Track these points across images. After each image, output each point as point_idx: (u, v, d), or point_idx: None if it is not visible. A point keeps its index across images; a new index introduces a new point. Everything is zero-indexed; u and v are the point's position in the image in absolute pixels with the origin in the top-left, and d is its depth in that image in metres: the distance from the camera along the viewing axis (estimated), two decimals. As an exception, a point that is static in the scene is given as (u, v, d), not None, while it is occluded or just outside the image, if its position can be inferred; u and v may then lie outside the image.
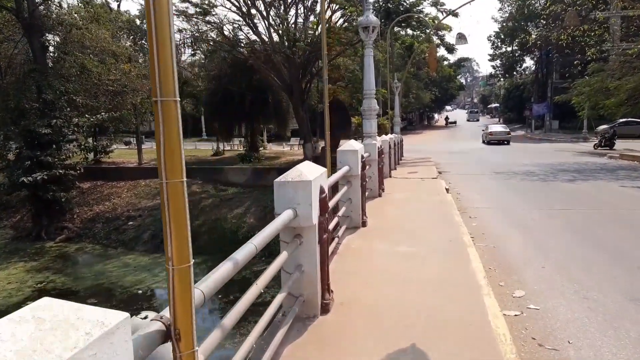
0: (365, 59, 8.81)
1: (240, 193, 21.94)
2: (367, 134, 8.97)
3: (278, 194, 3.39)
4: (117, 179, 25.16)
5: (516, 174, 15.33)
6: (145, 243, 19.43)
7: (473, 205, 9.58)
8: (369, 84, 8.79)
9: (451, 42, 22.36)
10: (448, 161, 21.41)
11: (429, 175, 12.70)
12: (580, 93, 28.60)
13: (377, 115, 27.99)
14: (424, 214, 7.40)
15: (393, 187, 10.43)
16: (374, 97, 8.89)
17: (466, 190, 11.66)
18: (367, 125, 8.95)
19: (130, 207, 21.87)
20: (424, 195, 9.20)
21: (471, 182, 13.58)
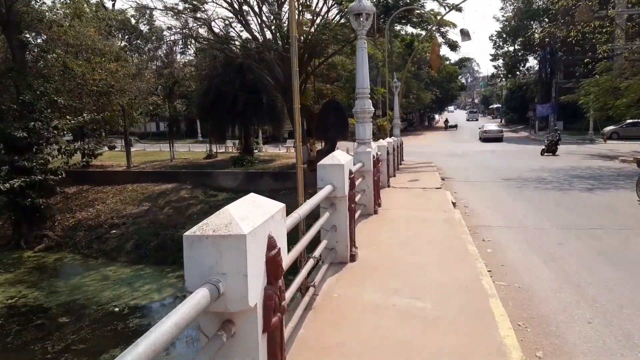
0: (358, 52, 7.37)
1: (230, 199, 20.24)
2: (360, 140, 7.53)
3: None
4: (104, 183, 23.77)
5: (527, 181, 13.87)
6: (127, 253, 18.01)
7: (485, 222, 8.13)
8: (362, 82, 7.34)
9: (454, 38, 20.93)
10: (451, 165, 19.95)
11: (432, 184, 11.25)
12: (588, 93, 27.12)
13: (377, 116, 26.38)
14: (429, 239, 5.94)
15: (392, 200, 8.98)
16: (368, 97, 7.45)
17: (475, 202, 10.21)
18: (361, 130, 7.50)
19: (114, 214, 20.45)
20: (427, 212, 7.75)
21: (479, 192, 12.13)
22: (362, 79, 7.37)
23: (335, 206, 4.84)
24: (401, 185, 11.15)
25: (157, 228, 18.73)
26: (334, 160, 4.79)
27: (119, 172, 24.50)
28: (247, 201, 2.42)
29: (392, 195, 9.61)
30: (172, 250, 17.69)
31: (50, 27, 20.16)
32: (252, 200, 2.46)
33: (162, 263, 17.31)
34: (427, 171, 15.22)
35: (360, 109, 7.43)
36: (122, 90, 22.76)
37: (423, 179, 12.73)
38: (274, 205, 2.53)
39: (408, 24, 20.96)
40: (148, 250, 17.80)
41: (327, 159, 4.85)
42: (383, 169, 10.62)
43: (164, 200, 20.94)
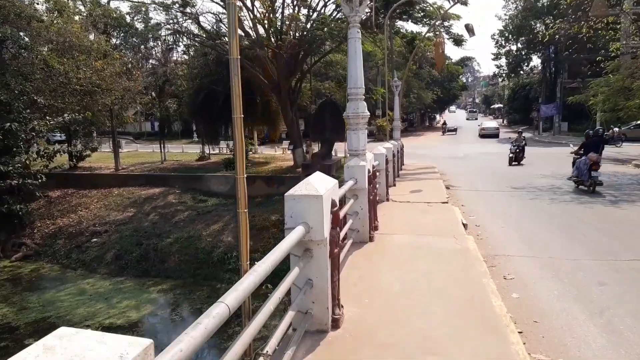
0: (350, 43, 5.93)
1: (220, 205, 19.07)
2: (353, 152, 6.09)
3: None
4: (90, 187, 22.36)
5: (540, 191, 12.42)
6: (107, 264, 16.59)
7: (503, 250, 6.69)
8: (355, 79, 5.90)
9: (459, 33, 19.45)
10: (455, 170, 18.50)
11: (437, 197, 9.80)
12: (597, 93, 25.62)
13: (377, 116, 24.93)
14: (439, 286, 4.48)
15: (391, 219, 7.54)
16: (362, 98, 6.01)
17: (486, 220, 8.76)
18: (354, 138, 6.06)
19: (97, 220, 19.03)
20: (435, 238, 6.30)
21: (489, 204, 10.67)
22: (355, 76, 5.93)
23: (310, 253, 3.41)
24: (402, 198, 9.70)
25: (141, 237, 17.30)
26: (308, 189, 3.35)
27: (105, 175, 23.07)
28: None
29: (392, 213, 8.16)
30: (154, 261, 16.30)
31: (29, 22, 18.72)
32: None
33: (144, 275, 15.90)
34: (430, 178, 13.78)
35: (353, 112, 5.99)
36: (108, 89, 21.31)
37: (426, 188, 11.28)
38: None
39: (409, 20, 19.48)
40: (129, 261, 16.38)
41: (300, 186, 3.42)
42: (382, 179, 9.18)
43: (150, 205, 19.51)
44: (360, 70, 5.93)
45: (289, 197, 3.35)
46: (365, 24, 19.10)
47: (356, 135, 6.02)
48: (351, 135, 6.05)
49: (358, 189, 5.90)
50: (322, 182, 3.55)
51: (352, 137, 6.04)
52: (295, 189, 3.41)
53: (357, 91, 5.95)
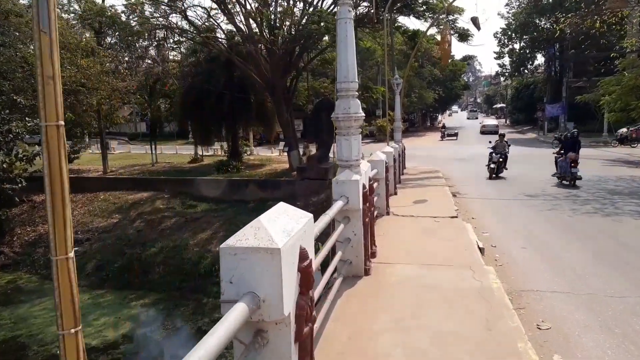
0: (340, 25, 4.63)
1: (210, 210, 17.79)
2: (343, 162, 4.77)
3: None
4: (76, 191, 21.02)
5: (557, 199, 11.10)
6: (88, 276, 15.33)
7: (530, 283, 5.39)
8: (346, 72, 4.60)
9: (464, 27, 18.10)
10: (461, 174, 17.16)
11: (445, 210, 8.49)
12: (607, 92, 24.29)
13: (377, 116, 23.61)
14: (457, 359, 3.17)
15: (392, 243, 6.24)
16: (355, 95, 4.70)
17: (504, 239, 7.45)
18: (344, 146, 4.74)
19: (80, 227, 17.77)
20: (446, 272, 4.98)
21: (503, 217, 9.35)
22: (346, 67, 4.62)
23: (263, 339, 2.12)
24: (405, 211, 8.39)
25: (124, 246, 16.04)
26: (259, 237, 2.06)
27: (92, 179, 21.83)
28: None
29: (393, 232, 6.85)
30: (138, 272, 15.02)
31: (6, 17, 17.46)
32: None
33: (126, 288, 14.63)
34: (435, 184, 12.46)
35: (343, 113, 4.68)
36: (94, 88, 20.03)
37: (431, 197, 9.98)
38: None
39: (411, 15, 18.14)
40: (111, 272, 15.12)
41: (247, 232, 2.12)
42: (381, 190, 7.88)
43: (136, 211, 18.24)
44: (352, 59, 4.63)
45: (226, 250, 2.05)
46: (363, 19, 17.83)
47: (347, 142, 4.71)
48: (341, 142, 4.74)
49: (350, 209, 4.60)
50: (285, 222, 2.24)
51: (342, 145, 4.73)
52: (238, 235, 2.11)
53: (349, 86, 4.65)
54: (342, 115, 4.68)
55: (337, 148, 4.82)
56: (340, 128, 4.75)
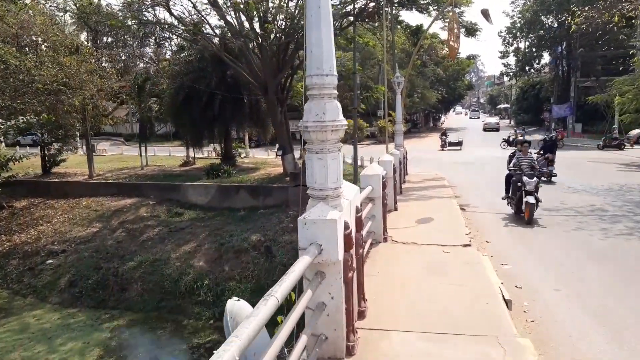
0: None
1: (197, 219, 16.28)
2: (316, 193, 3.23)
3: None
4: (59, 196, 19.70)
5: (581, 215, 9.54)
6: (60, 292, 13.87)
7: (579, 353, 3.83)
8: (318, 58, 3.09)
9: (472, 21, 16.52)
10: (467, 180, 15.62)
11: (454, 233, 6.95)
12: (621, 92, 22.70)
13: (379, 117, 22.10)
14: None
15: (387, 289, 4.71)
16: (333, 94, 3.17)
17: (530, 275, 5.90)
18: (316, 168, 3.20)
19: (57, 237, 16.32)
20: (463, 354, 3.43)
21: (524, 240, 7.79)
22: (319, 54, 3.11)
23: None
24: (405, 236, 6.84)
25: (101, 259, 14.56)
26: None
27: (76, 184, 20.37)
28: None
29: (389, 269, 5.31)
30: (113, 289, 13.54)
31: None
32: None
33: (100, 306, 13.15)
34: (441, 196, 10.91)
35: (314, 121, 3.15)
36: (76, 88, 18.58)
37: (437, 214, 8.44)
38: None
39: (414, 8, 16.56)
40: (85, 289, 13.63)
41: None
42: (377, 211, 6.35)
43: (118, 220, 16.77)
44: (328, 42, 3.11)
45: None
46: (362, 13, 16.28)
47: (321, 163, 3.18)
48: (312, 162, 3.21)
49: (325, 262, 3.07)
50: None
51: (314, 166, 3.20)
52: None
53: (323, 81, 3.12)
54: (313, 123, 3.15)
55: (307, 171, 3.29)
56: (311, 142, 3.22)
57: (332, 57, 3.17)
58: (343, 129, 3.24)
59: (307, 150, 3.28)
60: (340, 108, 3.26)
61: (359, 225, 3.88)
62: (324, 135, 3.16)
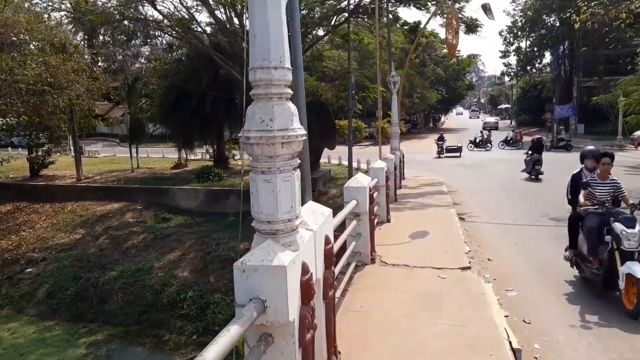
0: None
1: (185, 225, 15.45)
2: (264, 227, 2.40)
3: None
4: (44, 200, 18.83)
5: (592, 226, 8.68)
6: (38, 304, 13.05)
7: None
8: (264, 47, 2.26)
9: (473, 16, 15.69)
10: (466, 184, 14.81)
11: (452, 255, 6.09)
12: (627, 92, 21.82)
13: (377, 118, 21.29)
14: None
15: (367, 337, 3.86)
16: (284, 94, 2.34)
17: (541, 308, 5.04)
18: (264, 195, 2.37)
19: (38, 244, 15.51)
20: None
21: (529, 258, 6.94)
22: (266, 39, 2.27)
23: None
24: (397, 255, 6.00)
25: (81, 268, 13.73)
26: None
27: (62, 187, 19.57)
28: None
29: (374, 303, 4.45)
30: (93, 301, 12.70)
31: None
32: None
33: (78, 319, 12.31)
34: (438, 204, 10.06)
35: (258, 130, 2.30)
36: (62, 88, 17.79)
37: (434, 227, 7.60)
38: None
39: (411, 4, 15.71)
40: (63, 300, 12.81)
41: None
42: (363, 228, 5.51)
43: (102, 226, 15.95)
44: (277, 24, 2.28)
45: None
46: (358, 9, 15.44)
47: (268, 187, 2.33)
48: (257, 186, 2.36)
49: (272, 324, 2.22)
50: None
51: (260, 190, 2.35)
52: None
53: (271, 76, 2.29)
54: (256, 133, 2.31)
55: (252, 197, 2.45)
56: (256, 158, 2.38)
57: (283, 43, 2.34)
58: (299, 141, 2.40)
59: (252, 170, 2.44)
60: (295, 113, 2.42)
61: (329, 260, 3.04)
62: (271, 150, 2.31)
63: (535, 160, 15.62)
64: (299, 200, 2.51)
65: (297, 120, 2.43)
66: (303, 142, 2.36)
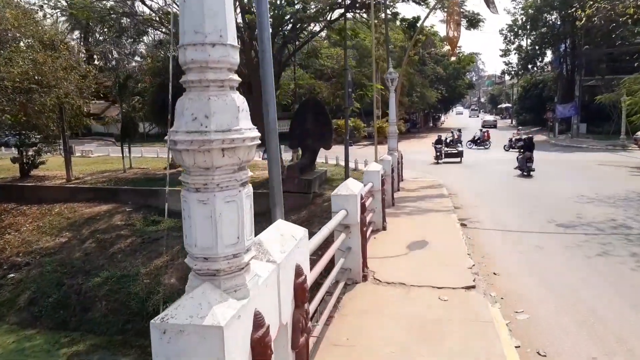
0: None
1: (174, 229, 14.71)
2: (199, 266, 1.74)
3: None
4: (32, 202, 18.17)
5: (604, 233, 8.01)
6: (19, 311, 12.39)
7: None
8: (195, 15, 1.61)
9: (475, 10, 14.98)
10: (468, 186, 14.16)
11: (455, 270, 5.42)
12: (631, 91, 21.15)
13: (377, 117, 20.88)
14: None
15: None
16: (227, 81, 1.68)
17: (556, 333, 4.38)
18: (199, 218, 1.74)
19: (23, 248, 14.84)
20: None
21: (536, 269, 6.28)
22: (198, 4, 1.57)
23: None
24: (392, 270, 5.33)
25: (64, 274, 13.07)
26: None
27: (51, 188, 18.89)
28: None
29: (362, 332, 3.79)
30: (75, 309, 12.05)
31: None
32: None
33: (60, 328, 11.66)
34: (438, 208, 9.39)
35: (189, 132, 1.63)
36: (50, 86, 17.11)
37: (434, 236, 6.93)
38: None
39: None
40: (45, 308, 12.16)
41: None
42: (354, 241, 4.84)
43: (89, 229, 15.28)
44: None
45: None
46: (355, 3, 14.74)
47: (204, 210, 1.69)
48: (189, 208, 1.72)
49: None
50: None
51: (194, 215, 1.71)
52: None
53: (206, 55, 1.62)
54: (185, 136, 1.64)
55: (183, 224, 1.78)
56: (187, 170, 1.71)
57: (224, 10, 1.66)
58: (248, 147, 1.73)
59: (183, 187, 1.77)
60: (244, 108, 1.76)
61: (301, 296, 2.36)
62: (207, 159, 1.65)
63: (527, 158, 16.20)
64: (251, 226, 1.85)
65: (247, 118, 1.77)
66: (275, 141, 1.69)
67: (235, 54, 1.73)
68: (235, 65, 1.74)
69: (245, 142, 1.70)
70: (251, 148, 1.75)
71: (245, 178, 1.77)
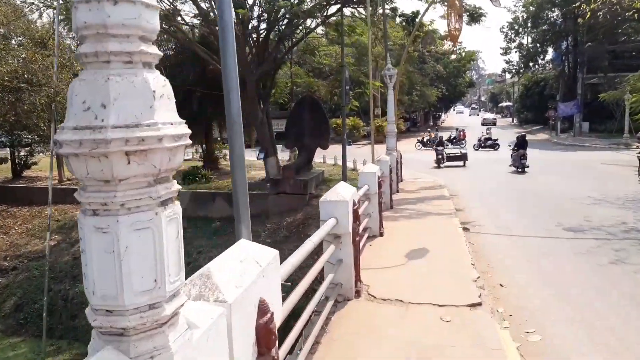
0: None
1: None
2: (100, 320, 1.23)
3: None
4: (23, 203, 17.76)
5: (616, 238, 7.48)
6: (5, 317, 11.90)
7: None
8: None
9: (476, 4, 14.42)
10: (469, 186, 13.64)
11: (458, 285, 4.88)
12: (635, 89, 20.60)
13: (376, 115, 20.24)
14: None
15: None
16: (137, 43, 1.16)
17: (572, 356, 3.85)
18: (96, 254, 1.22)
19: (11, 251, 14.35)
20: None
21: (546, 281, 5.75)
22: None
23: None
24: (389, 283, 4.80)
25: (52, 279, 12.49)
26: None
27: (43, 189, 18.31)
28: None
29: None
30: (62, 316, 11.56)
31: None
32: None
33: (47, 335, 11.10)
34: (439, 212, 8.85)
35: (77, 129, 1.10)
36: (40, 85, 16.60)
37: (434, 243, 6.40)
38: None
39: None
40: (31, 314, 11.66)
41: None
42: (346, 253, 4.31)
43: (80, 231, 14.76)
44: None
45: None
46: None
47: (104, 241, 1.17)
48: (85, 239, 1.20)
49: None
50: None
51: (90, 249, 1.19)
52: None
53: (105, 17, 1.11)
54: (73, 133, 1.11)
55: (82, 259, 1.25)
56: (81, 184, 1.17)
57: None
58: (171, 149, 1.20)
59: (81, 211, 1.24)
60: (163, 93, 1.23)
61: (265, 341, 1.83)
62: (104, 167, 1.12)
63: (521, 155, 16.61)
64: (179, 260, 1.31)
65: (169, 108, 1.23)
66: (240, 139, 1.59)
67: (152, 17, 1.20)
68: (151, 33, 1.21)
69: (164, 143, 1.16)
70: (174, 151, 1.22)
71: (166, 194, 1.24)
